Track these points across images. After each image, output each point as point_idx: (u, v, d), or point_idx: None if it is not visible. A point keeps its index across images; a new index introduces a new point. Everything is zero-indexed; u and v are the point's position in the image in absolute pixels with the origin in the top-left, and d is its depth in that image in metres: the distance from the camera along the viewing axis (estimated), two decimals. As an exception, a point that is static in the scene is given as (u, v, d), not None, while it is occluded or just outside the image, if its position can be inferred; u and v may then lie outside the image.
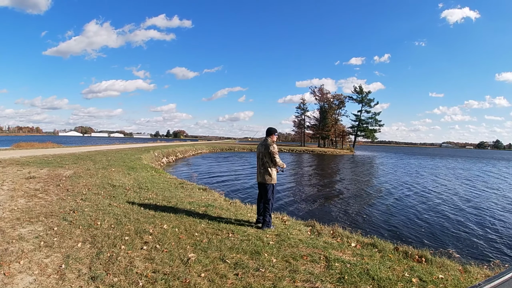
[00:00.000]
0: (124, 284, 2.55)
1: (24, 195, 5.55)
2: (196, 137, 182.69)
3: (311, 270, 3.04)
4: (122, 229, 3.91)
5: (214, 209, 5.49)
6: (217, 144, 58.89)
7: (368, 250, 3.84)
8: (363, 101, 62.47)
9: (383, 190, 14.16)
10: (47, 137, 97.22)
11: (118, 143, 36.97)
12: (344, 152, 55.67)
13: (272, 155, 4.44)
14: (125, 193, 6.34)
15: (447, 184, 17.26)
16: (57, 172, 8.67)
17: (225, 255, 3.29)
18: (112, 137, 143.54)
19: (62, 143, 31.53)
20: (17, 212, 4.43)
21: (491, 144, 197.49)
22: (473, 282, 3.00)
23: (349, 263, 3.25)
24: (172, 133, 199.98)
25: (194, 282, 2.64)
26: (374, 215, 9.07)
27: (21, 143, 25.03)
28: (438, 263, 3.54)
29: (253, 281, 2.73)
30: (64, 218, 4.23)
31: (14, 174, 7.83)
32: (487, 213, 9.88)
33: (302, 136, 73.82)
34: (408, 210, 9.91)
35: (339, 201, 11.19)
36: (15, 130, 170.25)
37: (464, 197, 12.82)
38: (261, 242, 3.80)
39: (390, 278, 2.92)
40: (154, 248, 3.35)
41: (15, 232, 3.60)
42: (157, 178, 9.31)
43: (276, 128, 4.61)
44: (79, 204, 5.12)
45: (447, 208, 10.45)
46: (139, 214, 4.68)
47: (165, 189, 7.30)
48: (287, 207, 9.40)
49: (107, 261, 2.96)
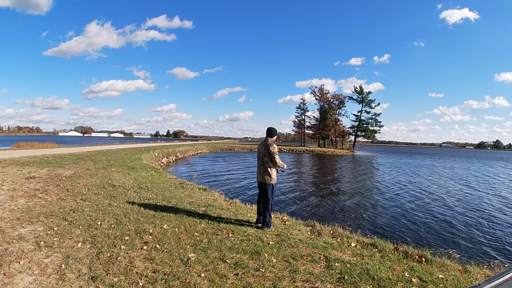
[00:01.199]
0: (124, 284, 2.54)
1: (24, 195, 5.55)
2: (196, 137, 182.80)
3: (311, 270, 3.04)
4: (122, 229, 3.91)
5: (214, 209, 5.49)
6: (217, 144, 58.88)
7: (368, 250, 3.84)
8: (363, 101, 62.42)
9: (383, 190, 14.16)
10: (47, 137, 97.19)
11: (118, 143, 36.98)
12: (344, 152, 55.65)
13: (272, 155, 4.44)
14: (125, 193, 6.34)
15: (446, 184, 17.25)
16: (57, 172, 8.67)
17: (225, 255, 3.29)
18: (112, 137, 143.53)
19: (62, 143, 31.55)
20: (17, 212, 4.43)
21: (491, 144, 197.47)
22: (473, 282, 3.00)
23: (349, 263, 3.25)
24: (172, 133, 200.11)
25: (194, 282, 2.64)
26: (374, 215, 9.06)
27: (21, 143, 25.05)
28: (438, 263, 3.54)
29: (253, 281, 2.73)
30: (64, 218, 4.23)
31: (14, 174, 7.83)
32: (487, 213, 9.88)
33: (302, 136, 73.85)
34: (408, 210, 9.90)
35: (339, 201, 11.19)
36: (15, 130, 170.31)
37: (464, 197, 12.82)
38: (261, 242, 3.80)
39: (390, 278, 2.92)
40: (154, 248, 3.35)
41: (15, 232, 3.60)
42: (157, 178, 9.30)
43: (276, 128, 4.62)
44: (79, 204, 5.12)
45: (447, 208, 10.45)
46: (139, 214, 4.67)
47: (165, 189, 7.30)
48: (287, 207, 9.40)
49: (107, 261, 2.96)
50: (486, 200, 12.38)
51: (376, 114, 62.78)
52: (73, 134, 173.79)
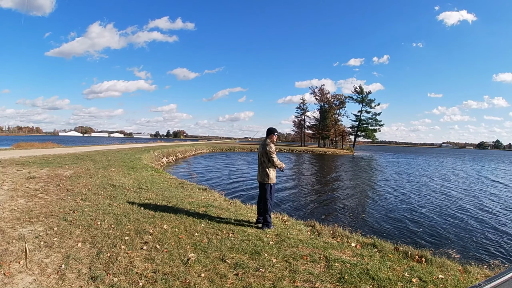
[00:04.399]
0: (124, 284, 2.54)
1: (24, 195, 5.55)
2: (196, 137, 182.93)
3: (311, 270, 3.04)
4: (122, 229, 3.91)
5: (214, 209, 5.49)
6: (217, 144, 58.87)
7: (368, 250, 3.84)
8: (363, 101, 62.43)
9: (383, 190, 14.16)
10: (47, 137, 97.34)
11: (118, 143, 36.96)
12: (344, 152, 55.64)
13: (269, 155, 4.42)
14: (125, 193, 6.33)
15: (446, 184, 17.26)
16: (57, 172, 8.66)
17: (225, 255, 3.29)
18: (112, 137, 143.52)
19: (62, 143, 31.54)
20: (17, 212, 4.43)
21: (491, 144, 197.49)
22: (473, 282, 3.00)
23: (349, 263, 3.25)
24: (172, 133, 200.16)
25: (194, 282, 2.64)
26: (374, 215, 9.06)
27: (21, 143, 25.05)
28: (438, 263, 3.53)
29: (253, 281, 2.72)
30: (64, 218, 4.23)
31: (14, 174, 7.83)
32: (487, 213, 9.88)
33: (302, 136, 73.86)
34: (408, 210, 9.90)
35: (339, 201, 11.19)
36: (15, 130, 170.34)
37: (464, 197, 12.81)
38: (261, 242, 3.80)
39: (390, 278, 2.92)
40: (154, 248, 3.35)
41: (15, 232, 3.60)
42: (157, 178, 9.30)
43: (276, 128, 4.61)
44: (79, 204, 5.12)
45: (446, 208, 10.45)
46: (139, 214, 4.67)
47: (165, 189, 7.30)
48: (287, 207, 9.40)
49: (107, 261, 2.96)
50: (486, 199, 12.37)
51: (376, 114, 62.90)
52: (73, 134, 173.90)
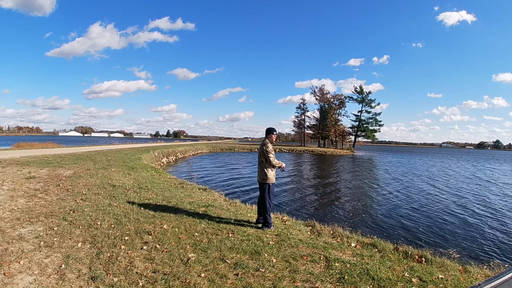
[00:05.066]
0: (124, 284, 2.54)
1: (24, 195, 5.55)
2: (196, 137, 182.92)
3: (311, 270, 3.04)
4: (122, 229, 3.91)
5: (214, 209, 5.49)
6: (217, 144, 58.86)
7: (368, 250, 3.84)
8: (363, 101, 62.44)
9: (383, 190, 14.16)
10: (47, 137, 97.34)
11: (118, 143, 36.93)
12: (344, 152, 55.63)
13: (266, 154, 4.41)
14: (125, 193, 6.33)
15: (446, 183, 17.25)
16: (57, 172, 8.66)
17: (225, 255, 3.29)
18: (112, 137, 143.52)
19: (62, 143, 31.54)
20: (17, 212, 4.43)
21: (491, 144, 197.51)
22: (473, 282, 3.00)
23: (349, 263, 3.25)
24: (172, 133, 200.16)
25: (194, 282, 2.64)
26: (374, 215, 9.06)
27: (21, 143, 25.06)
28: (438, 263, 3.54)
29: (253, 281, 2.72)
30: (64, 218, 4.23)
31: (14, 174, 7.83)
32: (487, 213, 9.87)
33: (302, 136, 73.86)
34: (408, 209, 9.90)
35: (339, 201, 11.19)
36: (15, 130, 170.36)
37: (464, 197, 12.81)
38: (261, 242, 3.80)
39: (390, 278, 2.92)
40: (154, 248, 3.35)
41: (15, 232, 3.60)
42: (157, 178, 9.30)
43: (275, 128, 4.61)
44: (79, 204, 5.12)
45: (446, 208, 10.45)
46: (139, 214, 4.67)
47: (165, 189, 7.30)
48: (287, 207, 9.39)
49: (107, 261, 2.96)
50: (487, 200, 12.37)
51: (376, 114, 62.94)
52: (73, 134, 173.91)
